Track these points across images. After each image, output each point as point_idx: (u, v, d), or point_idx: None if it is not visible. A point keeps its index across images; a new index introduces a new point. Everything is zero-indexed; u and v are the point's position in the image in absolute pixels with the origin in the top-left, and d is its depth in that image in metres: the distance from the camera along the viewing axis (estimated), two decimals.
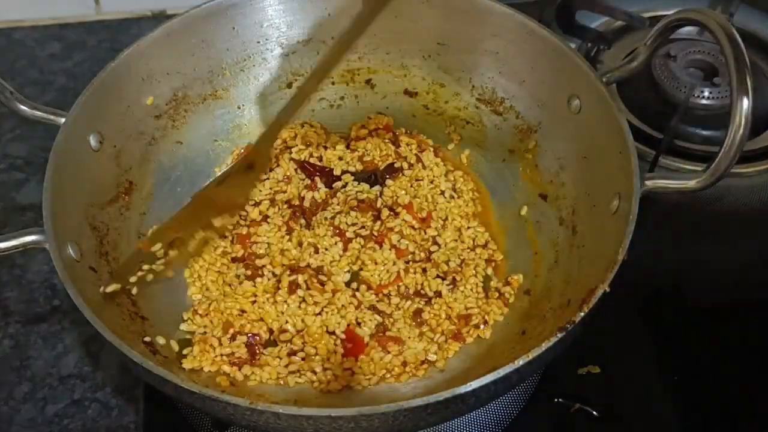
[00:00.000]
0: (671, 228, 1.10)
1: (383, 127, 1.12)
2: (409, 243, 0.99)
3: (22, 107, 0.92)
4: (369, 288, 0.97)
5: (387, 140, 1.11)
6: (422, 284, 0.97)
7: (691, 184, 0.85)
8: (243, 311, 0.94)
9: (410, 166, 1.08)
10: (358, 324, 0.93)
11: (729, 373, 0.97)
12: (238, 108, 1.13)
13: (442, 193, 1.06)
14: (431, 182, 1.07)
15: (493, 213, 1.06)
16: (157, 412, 0.93)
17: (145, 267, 0.93)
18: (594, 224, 0.93)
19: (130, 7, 1.42)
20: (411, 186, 1.06)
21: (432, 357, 0.91)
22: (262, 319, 0.94)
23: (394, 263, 0.98)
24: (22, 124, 1.22)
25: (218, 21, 1.08)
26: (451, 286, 0.97)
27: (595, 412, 0.93)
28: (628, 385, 0.96)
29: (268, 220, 1.02)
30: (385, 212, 1.02)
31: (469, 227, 1.03)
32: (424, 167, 1.08)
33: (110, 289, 0.88)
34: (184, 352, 0.90)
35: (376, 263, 0.98)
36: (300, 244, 1.00)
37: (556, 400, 0.94)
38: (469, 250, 1.01)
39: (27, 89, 1.29)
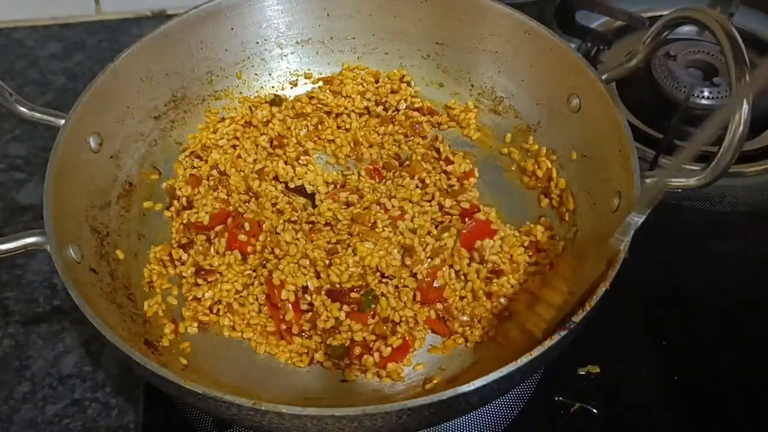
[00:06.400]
0: (671, 228, 1.10)
1: None
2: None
3: (22, 109, 0.92)
4: None
5: None
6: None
7: (691, 182, 0.85)
8: None
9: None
10: None
11: (729, 373, 0.97)
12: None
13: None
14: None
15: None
16: (157, 412, 0.93)
17: None
18: (594, 223, 0.93)
19: (130, 7, 1.42)
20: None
21: None
22: None
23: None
24: (22, 124, 1.22)
25: (217, 22, 1.08)
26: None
27: (595, 411, 0.93)
28: (628, 385, 0.96)
29: None
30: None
31: None
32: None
33: None
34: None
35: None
36: None
37: (556, 399, 0.94)
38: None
39: (27, 89, 1.29)
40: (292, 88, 1.15)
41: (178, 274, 0.97)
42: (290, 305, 0.92)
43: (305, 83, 1.16)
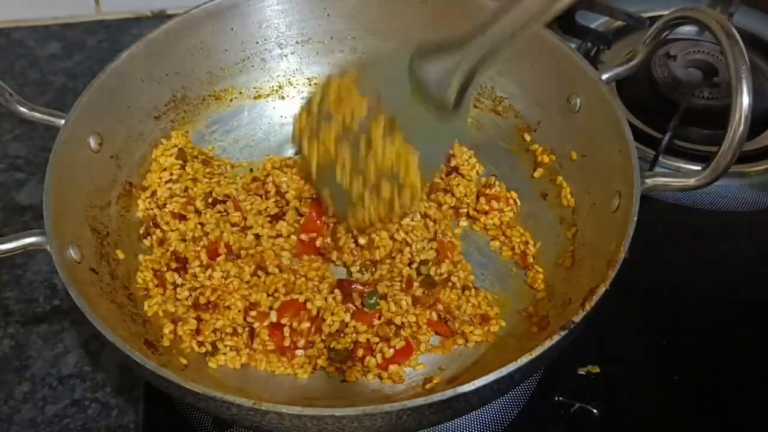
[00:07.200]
0: (671, 228, 1.10)
1: None
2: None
3: (22, 109, 0.92)
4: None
5: None
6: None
7: (691, 182, 0.85)
8: None
9: None
10: None
11: (729, 373, 0.97)
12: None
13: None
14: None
15: None
16: (157, 412, 0.93)
17: None
18: (594, 223, 0.94)
19: (130, 7, 1.42)
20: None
21: None
22: None
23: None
24: (22, 124, 1.22)
25: (217, 22, 1.08)
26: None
27: (595, 411, 0.93)
28: (628, 385, 0.96)
29: None
30: None
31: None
32: None
33: None
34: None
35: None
36: None
37: (556, 399, 0.94)
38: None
39: (27, 89, 1.29)
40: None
41: (173, 309, 0.94)
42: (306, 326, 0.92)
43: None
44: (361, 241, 0.97)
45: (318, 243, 0.98)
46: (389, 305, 0.92)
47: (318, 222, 0.99)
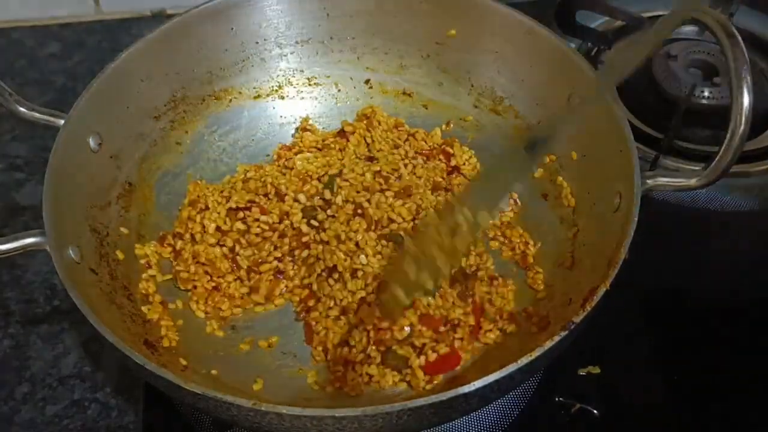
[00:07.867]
0: (671, 228, 1.10)
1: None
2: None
3: (21, 109, 0.92)
4: None
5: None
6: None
7: (692, 182, 0.85)
8: None
9: None
10: None
11: (729, 373, 0.97)
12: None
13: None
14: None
15: None
16: (157, 412, 0.93)
17: None
18: (595, 223, 0.93)
19: (130, 7, 1.42)
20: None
21: None
22: None
23: None
24: (21, 124, 1.21)
25: (217, 22, 1.08)
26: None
27: (595, 412, 0.93)
28: (628, 385, 0.96)
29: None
30: None
31: None
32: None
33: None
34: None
35: None
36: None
37: (556, 399, 0.94)
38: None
39: (27, 89, 1.29)
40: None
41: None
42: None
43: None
44: None
45: None
46: (436, 300, 0.92)
47: None
